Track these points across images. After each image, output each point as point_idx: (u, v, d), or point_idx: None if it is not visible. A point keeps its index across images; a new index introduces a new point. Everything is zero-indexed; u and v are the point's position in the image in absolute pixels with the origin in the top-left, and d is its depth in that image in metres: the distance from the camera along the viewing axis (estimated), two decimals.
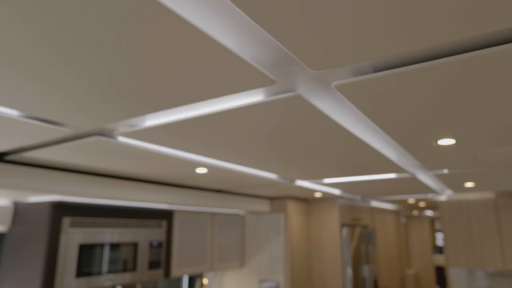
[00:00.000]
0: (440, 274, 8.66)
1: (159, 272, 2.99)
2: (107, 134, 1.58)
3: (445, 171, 2.57)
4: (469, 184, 3.33)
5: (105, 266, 2.56)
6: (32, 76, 0.96)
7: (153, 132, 1.52)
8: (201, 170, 2.34)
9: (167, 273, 3.11)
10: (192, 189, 3.21)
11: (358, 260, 4.26)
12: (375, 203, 5.30)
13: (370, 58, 0.89)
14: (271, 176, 2.67)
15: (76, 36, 0.78)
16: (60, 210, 2.38)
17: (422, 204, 5.72)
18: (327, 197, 4.24)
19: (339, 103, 1.28)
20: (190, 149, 1.81)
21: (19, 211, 2.50)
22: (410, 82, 1.03)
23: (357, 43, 0.82)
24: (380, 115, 1.30)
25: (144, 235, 2.90)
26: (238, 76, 0.98)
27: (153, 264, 2.94)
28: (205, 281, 3.93)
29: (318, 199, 4.38)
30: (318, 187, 3.37)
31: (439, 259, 8.66)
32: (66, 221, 2.39)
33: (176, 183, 2.94)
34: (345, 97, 1.14)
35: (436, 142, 1.71)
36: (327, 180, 2.97)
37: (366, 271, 4.38)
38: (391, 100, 1.16)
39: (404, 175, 2.72)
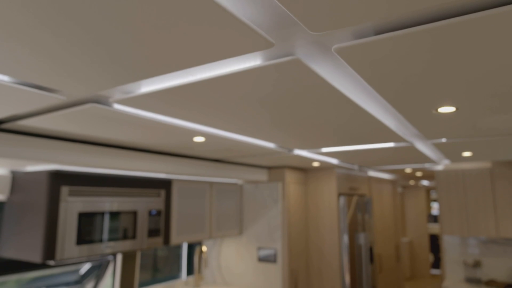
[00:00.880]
0: (434, 241, 8.87)
1: (158, 240, 3.03)
2: (102, 101, 1.55)
3: (444, 140, 2.56)
4: (466, 154, 3.34)
5: (105, 234, 2.60)
6: (20, 39, 0.93)
7: (148, 99, 1.49)
8: (198, 139, 2.33)
9: (166, 240, 3.16)
10: (190, 158, 3.21)
11: (354, 228, 4.33)
12: (372, 173, 5.34)
13: (372, 19, 0.85)
14: (269, 145, 2.67)
15: None
16: (59, 179, 2.38)
17: (418, 173, 5.77)
18: (325, 167, 4.26)
19: (339, 68, 1.25)
20: (187, 116, 1.79)
21: (17, 180, 2.50)
22: (413, 44, 0.99)
23: (359, 1, 0.78)
24: (380, 80, 1.28)
25: (143, 204, 2.92)
26: (235, 38, 0.94)
27: (153, 232, 2.98)
28: (204, 248, 4.01)
29: (315, 169, 4.40)
30: (316, 157, 3.38)
31: (434, 228, 8.84)
32: (64, 190, 2.39)
33: (174, 152, 2.93)
34: (345, 61, 1.10)
35: (436, 110, 1.69)
36: (325, 150, 2.97)
37: (362, 239, 4.47)
38: (393, 64, 1.13)
39: (402, 144, 2.72)
